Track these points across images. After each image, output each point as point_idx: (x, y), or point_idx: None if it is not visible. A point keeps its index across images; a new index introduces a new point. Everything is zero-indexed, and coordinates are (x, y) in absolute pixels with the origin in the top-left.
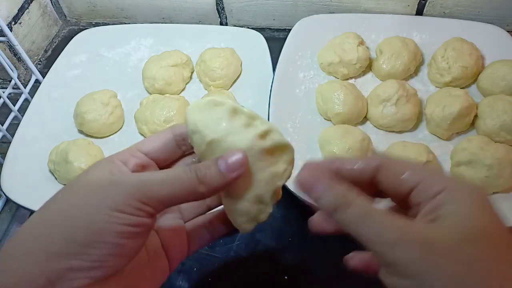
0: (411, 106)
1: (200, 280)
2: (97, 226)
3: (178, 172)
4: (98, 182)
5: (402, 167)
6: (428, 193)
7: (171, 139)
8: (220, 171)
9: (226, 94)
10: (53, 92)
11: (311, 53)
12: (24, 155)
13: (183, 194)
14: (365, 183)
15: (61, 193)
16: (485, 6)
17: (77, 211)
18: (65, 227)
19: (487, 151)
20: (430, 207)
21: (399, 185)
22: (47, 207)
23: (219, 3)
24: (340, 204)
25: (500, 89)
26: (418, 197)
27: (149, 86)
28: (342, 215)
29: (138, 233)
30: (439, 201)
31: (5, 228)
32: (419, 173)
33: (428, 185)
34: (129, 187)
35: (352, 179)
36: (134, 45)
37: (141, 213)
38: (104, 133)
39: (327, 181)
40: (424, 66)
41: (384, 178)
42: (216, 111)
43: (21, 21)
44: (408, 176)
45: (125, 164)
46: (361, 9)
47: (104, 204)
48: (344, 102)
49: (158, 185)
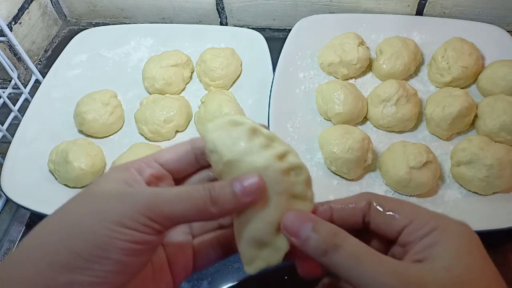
0: (411, 106)
1: (200, 280)
2: (101, 240)
3: (191, 190)
4: (108, 192)
5: (394, 206)
6: (420, 233)
7: (189, 151)
8: (235, 193)
9: (226, 94)
10: (53, 92)
11: (311, 53)
12: (24, 155)
13: (194, 213)
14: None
15: (72, 200)
16: (485, 6)
17: (82, 222)
18: (69, 238)
19: (487, 151)
20: (420, 247)
21: (390, 224)
22: (56, 214)
23: (219, 3)
24: (330, 245)
25: (500, 89)
26: (410, 236)
27: (149, 86)
28: (332, 259)
29: (142, 251)
30: (429, 241)
31: (5, 228)
32: (410, 211)
33: (420, 224)
34: (138, 202)
35: (343, 222)
36: (134, 45)
37: (147, 230)
38: (104, 133)
39: (315, 220)
40: (424, 66)
41: (375, 218)
42: (235, 130)
43: (21, 21)
44: (399, 214)
45: (140, 174)
46: (361, 9)
47: (109, 217)
48: (344, 102)
49: (168, 202)
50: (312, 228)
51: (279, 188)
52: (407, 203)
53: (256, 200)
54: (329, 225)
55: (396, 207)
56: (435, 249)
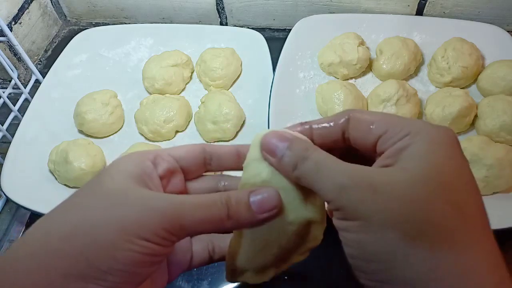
0: (411, 106)
1: (200, 280)
2: (121, 254)
3: (209, 202)
4: (123, 193)
5: (370, 117)
6: (393, 139)
7: (201, 153)
8: (251, 209)
9: (226, 94)
10: (53, 92)
11: (311, 53)
12: (24, 155)
13: (209, 227)
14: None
15: (79, 197)
16: (485, 6)
17: (99, 230)
18: (86, 248)
19: (487, 151)
20: (389, 152)
21: (367, 136)
22: (62, 214)
23: (219, 3)
24: (299, 158)
25: (500, 89)
26: (384, 144)
27: (149, 86)
28: (300, 170)
29: (157, 262)
30: (400, 145)
31: (5, 228)
32: (387, 120)
33: (395, 131)
34: (159, 215)
35: (323, 140)
36: (134, 45)
37: (166, 242)
38: (104, 133)
39: (291, 138)
40: (424, 66)
41: (353, 131)
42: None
43: (21, 21)
44: (376, 124)
45: (155, 166)
46: (361, 9)
47: (129, 228)
48: (344, 102)
49: (187, 216)
50: (287, 146)
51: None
52: (385, 114)
53: (273, 217)
54: (303, 142)
55: (373, 117)
56: (403, 153)
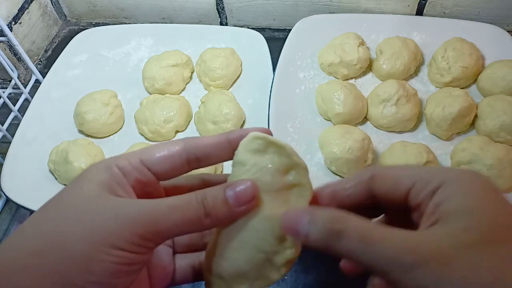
0: (411, 106)
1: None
2: (97, 266)
3: (184, 204)
4: (94, 203)
5: (396, 171)
6: (426, 191)
7: (181, 153)
8: (228, 203)
9: (226, 94)
10: (53, 92)
11: (311, 53)
12: (24, 155)
13: (187, 227)
14: (362, 202)
15: (50, 210)
16: (485, 6)
17: (73, 245)
18: (60, 263)
19: (487, 151)
20: (430, 207)
21: (396, 190)
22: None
23: (219, 3)
24: (331, 234)
25: (500, 89)
26: (416, 198)
27: (149, 86)
28: (338, 247)
29: (134, 271)
30: (437, 199)
31: (5, 228)
32: (414, 171)
33: (425, 181)
34: (133, 222)
35: (348, 202)
36: (134, 45)
37: (142, 250)
38: (104, 133)
39: (310, 211)
40: (424, 66)
41: (379, 187)
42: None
43: (21, 21)
44: (403, 177)
45: (125, 176)
46: (361, 9)
47: (103, 239)
48: (344, 102)
49: (163, 220)
50: (308, 220)
51: (274, 204)
52: (410, 166)
53: (251, 208)
54: (327, 212)
55: (398, 171)
56: (445, 207)
